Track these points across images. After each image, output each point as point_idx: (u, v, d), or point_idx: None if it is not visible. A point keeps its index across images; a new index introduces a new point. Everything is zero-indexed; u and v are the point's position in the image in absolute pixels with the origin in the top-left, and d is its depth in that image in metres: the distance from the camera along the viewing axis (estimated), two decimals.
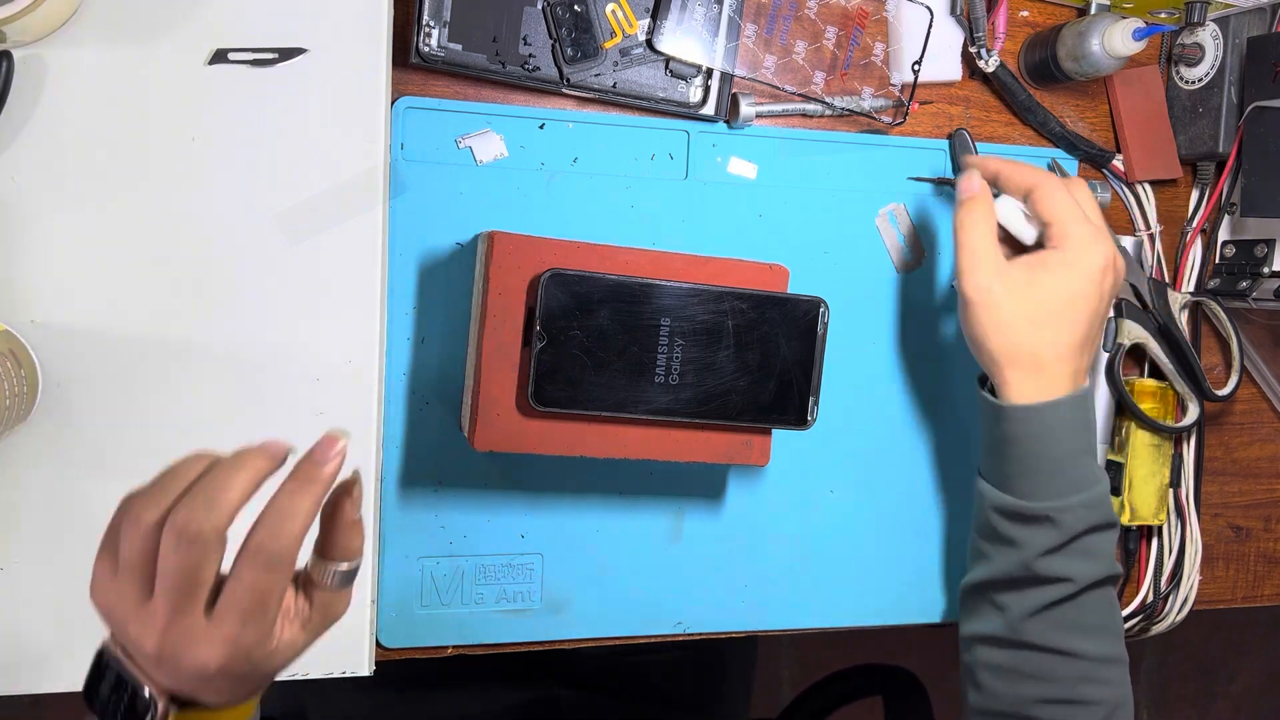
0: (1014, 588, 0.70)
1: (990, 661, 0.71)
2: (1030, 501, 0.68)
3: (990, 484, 0.70)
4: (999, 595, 0.70)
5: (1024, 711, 0.69)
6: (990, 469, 0.71)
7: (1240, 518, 0.89)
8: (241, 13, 0.61)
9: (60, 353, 0.61)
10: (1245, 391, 0.88)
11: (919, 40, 0.74)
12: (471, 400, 0.65)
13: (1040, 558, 0.68)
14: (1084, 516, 0.68)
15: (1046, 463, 0.67)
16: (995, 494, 0.69)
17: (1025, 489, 0.68)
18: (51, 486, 0.62)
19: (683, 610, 0.76)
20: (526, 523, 0.72)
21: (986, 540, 0.71)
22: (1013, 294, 0.67)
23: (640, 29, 0.70)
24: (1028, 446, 0.67)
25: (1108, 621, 0.71)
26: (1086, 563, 0.68)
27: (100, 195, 0.61)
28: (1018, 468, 0.68)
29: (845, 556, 0.79)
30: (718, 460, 0.68)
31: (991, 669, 0.71)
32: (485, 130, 0.69)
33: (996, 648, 0.71)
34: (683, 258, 0.66)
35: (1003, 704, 0.71)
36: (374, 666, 0.68)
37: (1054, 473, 0.67)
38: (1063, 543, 0.68)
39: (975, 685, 0.72)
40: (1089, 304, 0.67)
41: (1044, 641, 0.69)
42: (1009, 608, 0.70)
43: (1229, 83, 0.79)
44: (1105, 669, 0.70)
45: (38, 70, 0.59)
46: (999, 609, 0.71)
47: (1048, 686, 0.69)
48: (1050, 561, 0.68)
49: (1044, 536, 0.68)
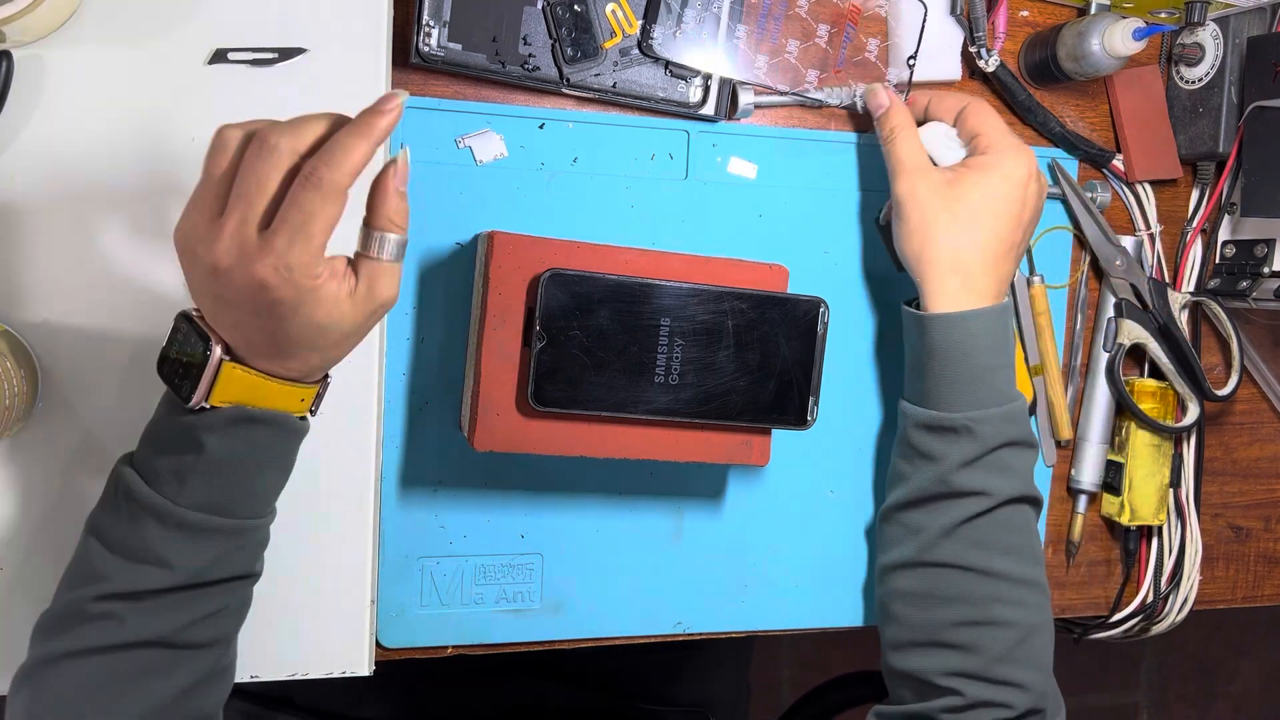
0: (929, 503, 0.70)
1: (904, 588, 0.71)
2: (949, 412, 0.69)
3: (911, 403, 0.72)
4: (914, 516, 0.71)
5: (938, 637, 0.69)
6: (912, 389, 0.72)
7: (1240, 518, 0.89)
8: (241, 12, 0.61)
9: (60, 353, 0.61)
10: (1245, 391, 0.88)
11: (915, 36, 0.74)
12: (471, 400, 0.65)
13: (958, 470, 0.69)
14: (1002, 430, 0.69)
15: (966, 370, 0.69)
16: (916, 410, 0.71)
17: (945, 399, 0.69)
18: (51, 486, 0.62)
19: (683, 610, 0.76)
20: (526, 523, 0.72)
21: (905, 460, 0.72)
22: (937, 193, 0.69)
23: (640, 29, 0.70)
24: (949, 356, 0.69)
25: (1026, 543, 0.71)
26: (1003, 478, 0.69)
27: (100, 195, 0.61)
28: (939, 378, 0.69)
29: (845, 556, 0.79)
30: (718, 460, 0.68)
31: (905, 596, 0.71)
32: (485, 130, 0.69)
33: (911, 571, 0.71)
34: (683, 258, 0.65)
35: (917, 633, 0.70)
36: (374, 666, 0.68)
37: (974, 381, 0.69)
38: (980, 454, 0.68)
39: (890, 618, 0.72)
40: (1011, 209, 0.69)
41: (957, 560, 0.69)
42: (924, 528, 0.70)
43: (1229, 82, 0.79)
44: (1020, 590, 0.69)
45: (38, 70, 0.59)
46: (913, 531, 0.71)
47: (961, 608, 0.69)
48: (967, 474, 0.69)
49: (962, 448, 0.69)
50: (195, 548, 0.54)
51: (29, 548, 0.62)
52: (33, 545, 0.62)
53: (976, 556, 0.69)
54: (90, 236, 0.61)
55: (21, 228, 0.60)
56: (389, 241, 0.51)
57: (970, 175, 0.70)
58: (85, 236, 0.61)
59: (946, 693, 0.68)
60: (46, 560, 0.62)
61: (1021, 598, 0.69)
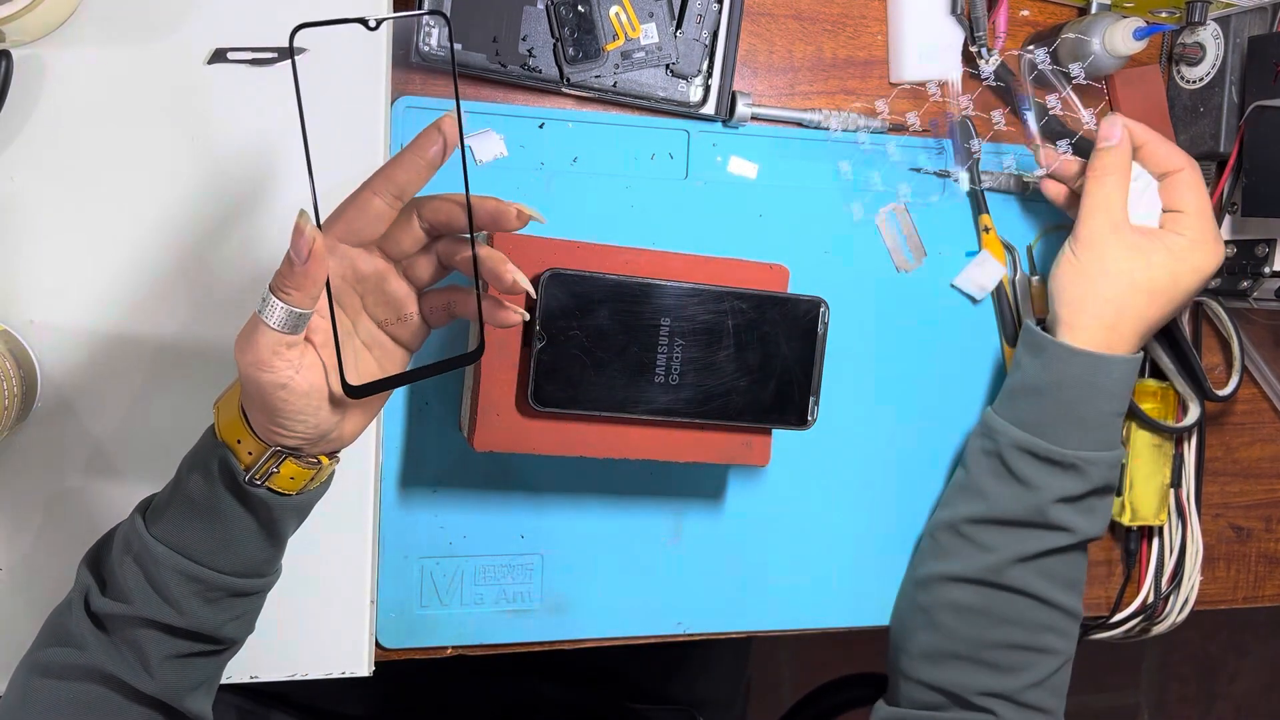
0: (1013, 527, 0.70)
1: (959, 601, 0.71)
2: (1062, 447, 0.69)
3: (1012, 424, 0.71)
4: (990, 534, 0.71)
5: (983, 655, 0.70)
6: (1016, 410, 0.71)
7: (1241, 518, 0.89)
8: (241, 12, 0.61)
9: (60, 353, 0.61)
10: (1246, 391, 0.88)
11: (916, 32, 0.74)
12: (471, 400, 0.65)
13: (1055, 504, 0.69)
14: (1105, 474, 0.70)
15: (1092, 411, 0.69)
16: (1020, 434, 0.70)
17: (1061, 434, 0.69)
18: (51, 486, 0.62)
19: (682, 610, 0.76)
20: (526, 523, 0.72)
21: (992, 476, 0.71)
22: (1125, 253, 0.69)
23: (643, 33, 0.70)
24: (1079, 393, 0.69)
25: (1080, 579, 0.73)
26: (1090, 519, 0.70)
27: (100, 195, 0.61)
28: (1060, 412, 0.69)
29: (845, 556, 0.79)
30: (718, 460, 0.68)
31: (957, 609, 0.71)
32: (485, 130, 0.69)
33: (971, 587, 0.71)
34: (683, 258, 0.65)
35: (960, 645, 0.71)
36: (373, 667, 0.68)
37: (1095, 423, 0.69)
38: (1081, 494, 0.69)
39: (932, 626, 0.72)
40: (1182, 295, 0.70)
41: (1025, 587, 0.70)
42: (999, 548, 0.70)
43: (1230, 82, 0.78)
44: (1069, 622, 0.72)
45: (37, 70, 0.59)
46: (985, 549, 0.71)
47: (1014, 631, 0.70)
48: (1062, 510, 0.69)
49: (1065, 483, 0.69)
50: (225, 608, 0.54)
51: (29, 548, 0.62)
52: (32, 545, 0.62)
53: (1043, 587, 0.70)
54: (90, 236, 0.61)
55: (21, 228, 0.60)
56: (270, 303, 0.48)
57: (1160, 254, 0.69)
58: (85, 236, 0.61)
59: (980, 710, 0.69)
60: (46, 560, 0.62)
61: (1069, 629, 0.72)
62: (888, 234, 0.77)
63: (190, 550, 0.52)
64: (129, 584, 0.52)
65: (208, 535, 0.52)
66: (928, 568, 0.74)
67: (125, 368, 0.62)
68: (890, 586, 0.79)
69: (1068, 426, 0.69)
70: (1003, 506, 0.71)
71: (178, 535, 0.52)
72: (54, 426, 0.62)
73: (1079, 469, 0.69)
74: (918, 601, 0.74)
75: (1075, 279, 0.70)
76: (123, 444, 0.62)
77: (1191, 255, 0.69)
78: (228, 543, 0.52)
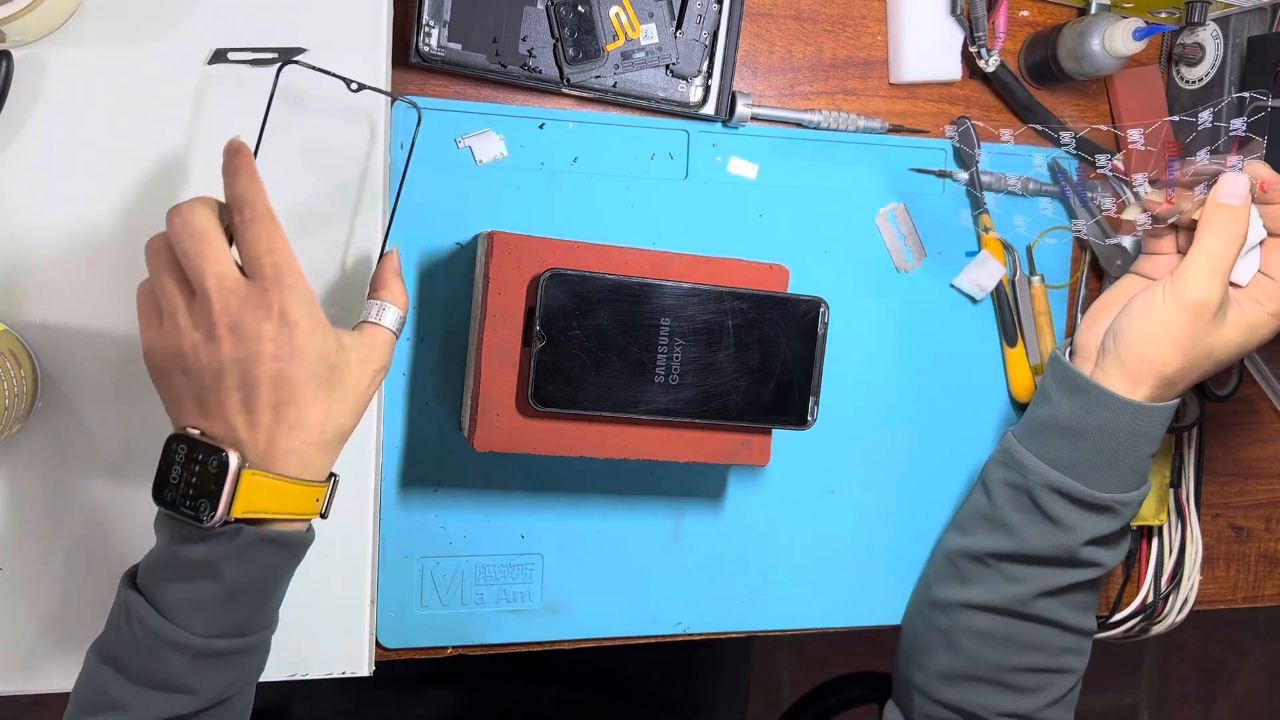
0: (1041, 565, 0.70)
1: (981, 628, 0.71)
2: (1098, 490, 0.68)
3: (1043, 461, 0.70)
4: (1017, 569, 0.71)
5: (1003, 678, 0.71)
6: (1050, 449, 0.70)
7: (1241, 518, 0.89)
8: (241, 12, 0.61)
9: (60, 353, 0.61)
10: (1246, 391, 0.88)
11: (916, 34, 0.74)
12: (471, 400, 0.65)
13: (1087, 544, 0.69)
14: (1135, 511, 0.70)
15: (1131, 456, 0.68)
16: (1054, 474, 0.69)
17: (1099, 477, 0.68)
18: (51, 486, 0.62)
19: (683, 610, 0.76)
20: (526, 523, 0.72)
21: (1019, 512, 0.71)
22: (1222, 330, 0.66)
23: (643, 33, 0.70)
24: (1124, 441, 0.68)
25: (1096, 599, 0.74)
26: (1116, 553, 0.71)
27: (100, 195, 0.61)
28: (1101, 458, 0.68)
29: (845, 556, 0.79)
30: (718, 460, 0.68)
31: (979, 635, 0.71)
32: (485, 130, 0.69)
33: (995, 616, 0.71)
34: (683, 258, 0.65)
35: (980, 669, 0.71)
36: (374, 667, 0.68)
37: (1132, 468, 0.69)
38: (1111, 533, 0.69)
39: (951, 648, 0.72)
40: (1232, 360, 0.68)
41: (1051, 616, 0.70)
42: (1026, 580, 0.70)
43: (1229, 82, 0.79)
44: (1086, 642, 0.73)
45: (37, 70, 0.59)
46: (1012, 580, 0.71)
47: (1036, 655, 0.71)
48: (1094, 549, 0.70)
49: (1097, 525, 0.69)
50: (219, 672, 0.53)
51: (29, 548, 0.62)
52: (32, 545, 0.62)
53: (1068, 615, 0.71)
54: (90, 236, 0.61)
55: (21, 228, 0.60)
56: (389, 310, 0.57)
57: (1239, 326, 0.66)
58: (85, 236, 0.61)
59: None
60: (46, 561, 0.62)
61: (1085, 647, 0.73)
62: (887, 234, 0.78)
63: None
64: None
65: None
66: (949, 592, 0.74)
67: (125, 368, 0.62)
68: (890, 586, 0.79)
69: (1104, 469, 0.68)
70: (1031, 544, 0.70)
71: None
72: (54, 426, 0.62)
73: (1114, 511, 0.69)
74: (935, 622, 0.74)
75: (1161, 340, 0.66)
76: (123, 444, 0.62)
77: (1263, 328, 0.67)
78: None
